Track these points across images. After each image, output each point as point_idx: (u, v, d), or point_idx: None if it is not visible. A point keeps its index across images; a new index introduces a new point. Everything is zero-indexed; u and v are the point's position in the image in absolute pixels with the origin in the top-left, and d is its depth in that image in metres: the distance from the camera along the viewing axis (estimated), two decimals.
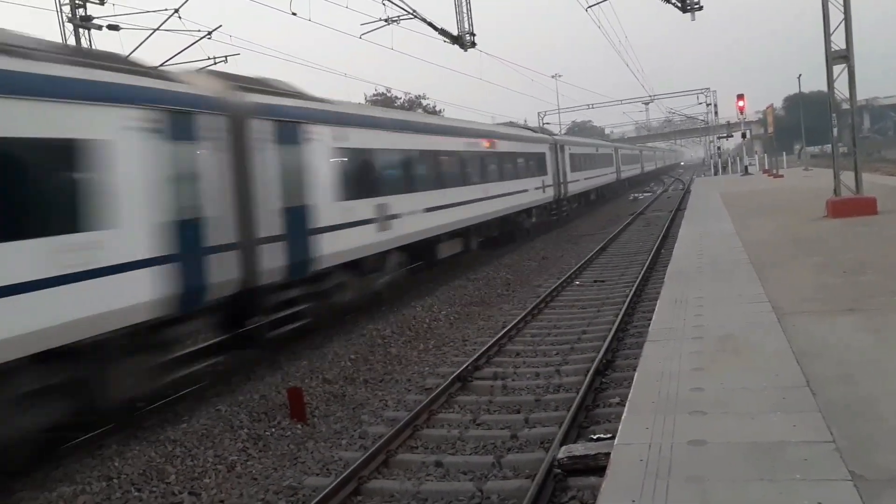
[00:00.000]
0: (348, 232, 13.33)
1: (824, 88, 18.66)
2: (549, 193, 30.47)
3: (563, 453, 6.91)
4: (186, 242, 9.29)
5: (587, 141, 48.67)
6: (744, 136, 59.10)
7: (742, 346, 7.19)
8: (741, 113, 52.57)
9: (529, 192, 26.97)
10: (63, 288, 7.43)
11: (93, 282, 7.80)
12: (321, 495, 6.68)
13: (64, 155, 7.70)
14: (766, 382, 5.97)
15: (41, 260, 7.25)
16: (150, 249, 8.71)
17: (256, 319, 10.92)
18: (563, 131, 69.31)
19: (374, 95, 56.43)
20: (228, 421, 9.03)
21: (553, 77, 76.84)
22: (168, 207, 9.07)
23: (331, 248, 12.66)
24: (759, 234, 15.48)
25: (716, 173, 62.00)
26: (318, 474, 7.72)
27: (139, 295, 8.49)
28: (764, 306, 8.72)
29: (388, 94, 56.88)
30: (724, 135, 67.15)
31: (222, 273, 9.92)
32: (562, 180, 32.92)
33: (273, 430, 9.03)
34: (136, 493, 7.26)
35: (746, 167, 55.31)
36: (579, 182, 37.48)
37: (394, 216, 15.27)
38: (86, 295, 7.70)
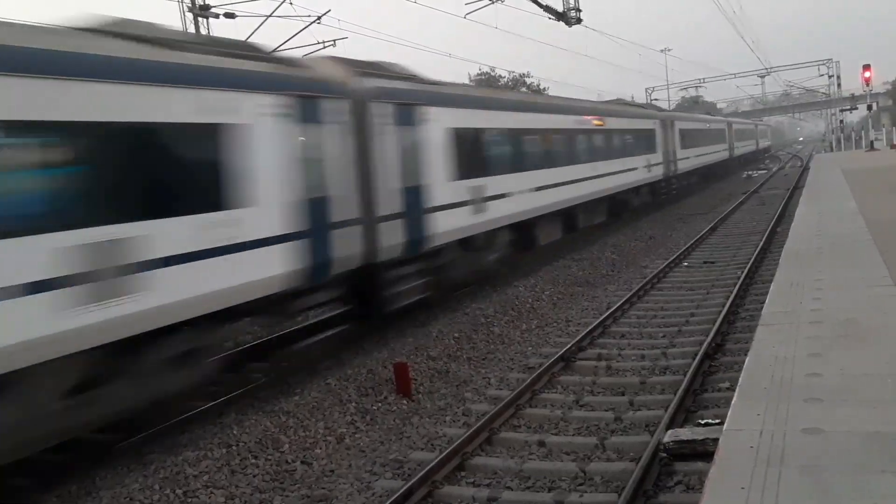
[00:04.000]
0: (460, 211, 13.51)
1: None
2: (658, 171, 29.51)
3: (669, 437, 6.80)
4: (315, 219, 9.73)
5: (698, 116, 46.28)
6: (869, 108, 55.33)
7: (865, 331, 6.81)
8: (867, 84, 49.15)
9: (638, 171, 26.24)
10: (210, 261, 8.02)
11: (235, 256, 8.37)
12: (426, 469, 6.86)
13: (212, 138, 8.28)
14: (891, 369, 5.65)
15: (192, 235, 7.84)
16: (283, 226, 9.19)
17: (377, 292, 11.35)
18: (671, 107, 67.01)
19: (478, 75, 56.35)
20: (338, 394, 9.36)
21: (662, 51, 74.23)
22: (298, 187, 9.50)
23: (444, 227, 12.87)
24: (885, 214, 14.52)
25: (833, 149, 58.31)
26: (422, 449, 7.91)
27: (274, 268, 9.03)
28: (890, 290, 8.21)
29: (492, 73, 56.68)
30: (848, 107, 63.03)
31: (347, 248, 10.35)
32: (671, 158, 31.67)
33: (380, 404, 9.30)
34: (253, 461, 7.67)
35: (872, 142, 51.82)
36: (690, 160, 35.89)
37: (502, 195, 15.24)
38: (229, 267, 8.28)
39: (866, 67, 47.76)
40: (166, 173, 7.72)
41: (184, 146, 7.94)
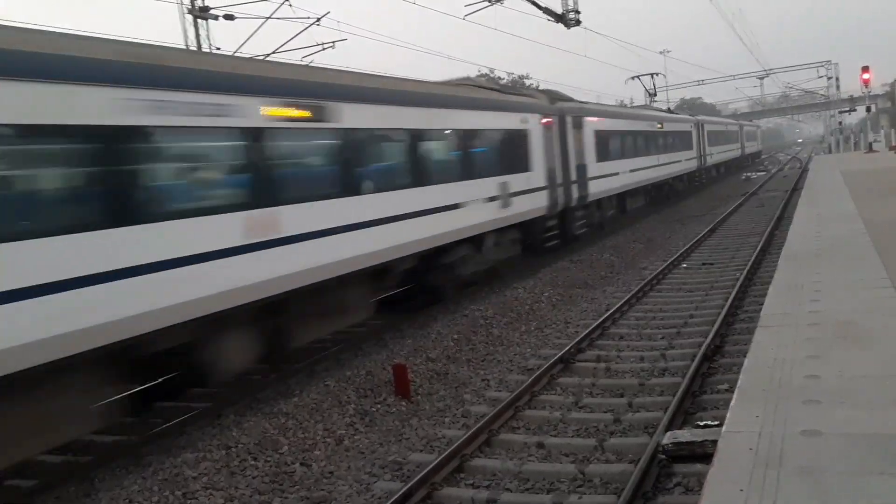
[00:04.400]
0: None
1: None
2: (539, 202, 17.46)
3: (668, 439, 6.81)
4: None
5: (635, 112, 30.82)
6: (868, 109, 55.37)
7: (863, 333, 6.82)
8: (866, 86, 49.15)
9: (472, 209, 14.10)
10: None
11: None
12: (425, 471, 6.86)
13: None
14: (890, 371, 5.66)
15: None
16: None
17: None
18: (671, 108, 66.82)
19: (478, 76, 56.35)
20: (337, 396, 9.36)
21: (661, 53, 74.31)
22: None
23: None
24: (884, 216, 14.54)
25: (831, 151, 58.25)
26: (421, 451, 7.91)
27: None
28: (888, 292, 8.22)
29: (492, 75, 56.67)
30: (846, 109, 63.11)
31: None
32: (572, 178, 19.75)
33: (379, 406, 9.30)
34: (252, 462, 7.67)
35: (871, 143, 51.89)
36: (617, 177, 23.94)
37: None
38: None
39: (865, 69, 47.78)
40: None
41: None
